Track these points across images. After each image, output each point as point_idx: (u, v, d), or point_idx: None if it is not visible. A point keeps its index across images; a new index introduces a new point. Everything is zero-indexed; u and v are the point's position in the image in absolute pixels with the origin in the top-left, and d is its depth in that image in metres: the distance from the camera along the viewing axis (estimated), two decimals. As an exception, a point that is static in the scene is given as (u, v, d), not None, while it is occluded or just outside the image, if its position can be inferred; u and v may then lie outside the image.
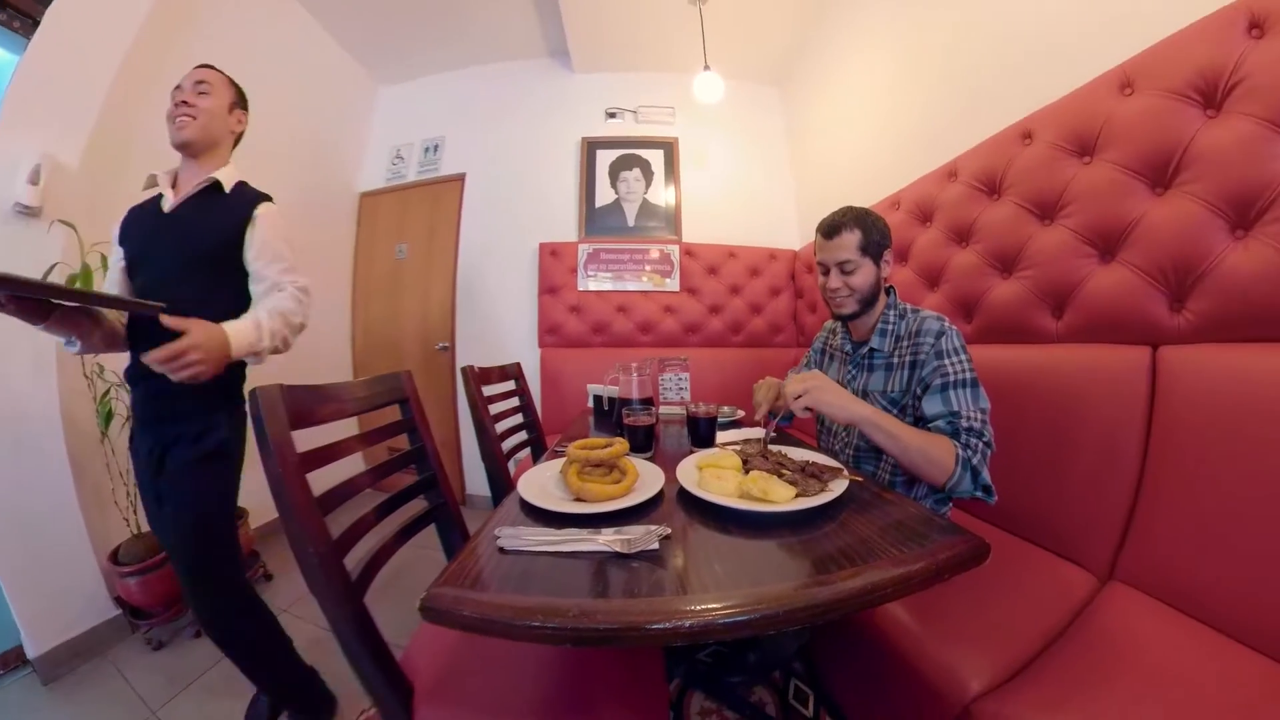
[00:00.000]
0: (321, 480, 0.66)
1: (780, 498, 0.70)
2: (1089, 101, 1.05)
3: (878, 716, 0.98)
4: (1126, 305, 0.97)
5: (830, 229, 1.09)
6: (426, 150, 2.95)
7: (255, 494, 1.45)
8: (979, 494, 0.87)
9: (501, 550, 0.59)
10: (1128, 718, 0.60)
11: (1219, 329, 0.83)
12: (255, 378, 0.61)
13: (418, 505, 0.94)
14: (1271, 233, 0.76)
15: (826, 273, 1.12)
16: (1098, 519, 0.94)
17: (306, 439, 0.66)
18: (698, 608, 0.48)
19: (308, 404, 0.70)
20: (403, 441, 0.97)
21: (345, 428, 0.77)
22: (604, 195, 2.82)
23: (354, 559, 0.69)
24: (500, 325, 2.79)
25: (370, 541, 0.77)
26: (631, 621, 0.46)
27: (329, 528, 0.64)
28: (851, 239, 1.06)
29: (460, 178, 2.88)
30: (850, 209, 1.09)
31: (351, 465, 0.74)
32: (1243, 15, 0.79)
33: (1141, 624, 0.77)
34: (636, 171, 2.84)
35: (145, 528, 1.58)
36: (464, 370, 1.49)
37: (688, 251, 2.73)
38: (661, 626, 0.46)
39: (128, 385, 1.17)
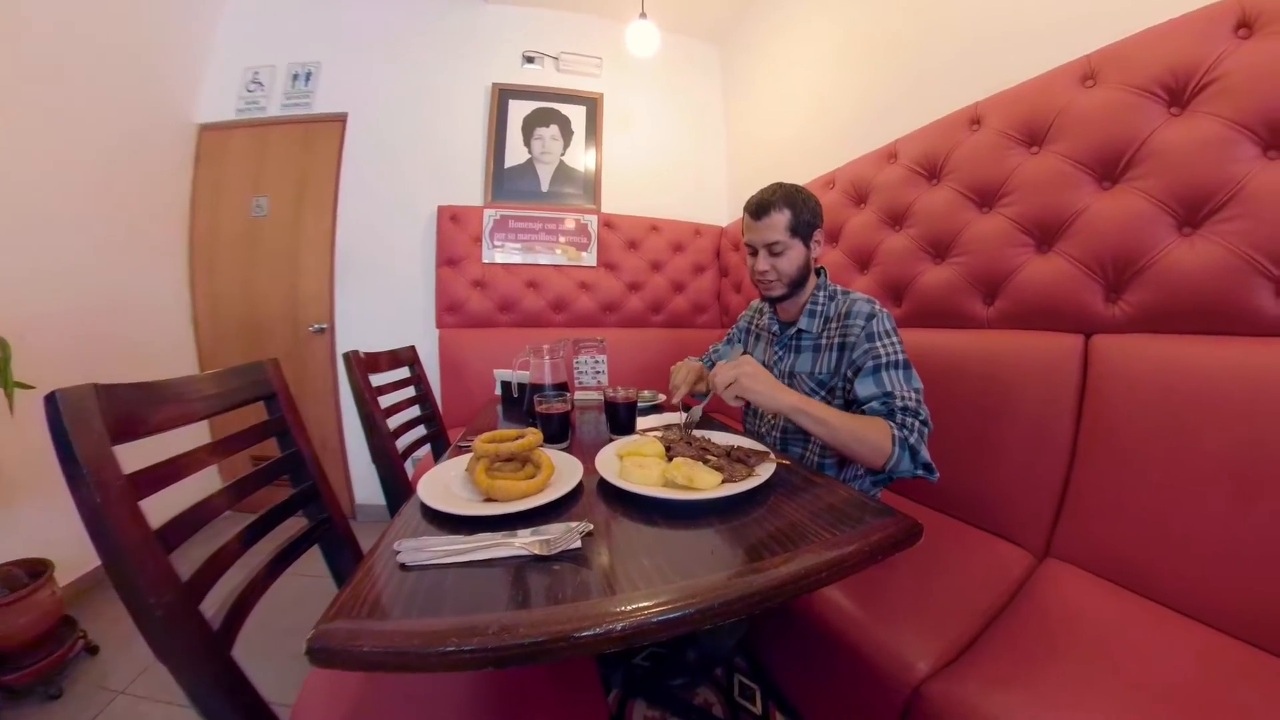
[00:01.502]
0: (161, 507, 0.57)
1: (706, 484, 0.74)
2: (1047, 91, 1.13)
3: (827, 705, 1.06)
4: (1061, 294, 1.09)
5: (759, 208, 1.11)
6: (295, 78, 2.57)
7: (66, 538, 1.21)
8: (920, 472, 0.94)
9: (403, 567, 0.56)
10: (1077, 688, 0.69)
11: (1155, 320, 0.95)
12: (58, 378, 0.50)
13: (295, 524, 0.85)
14: (1222, 231, 0.86)
15: (754, 254, 1.15)
16: (1031, 498, 1.07)
17: (137, 454, 0.55)
18: (628, 608, 0.48)
19: (136, 407, 0.59)
20: (271, 447, 0.88)
21: (192, 435, 0.66)
22: (515, 154, 2.68)
23: (215, 603, 0.61)
24: (390, 302, 2.59)
25: (236, 577, 0.68)
26: (558, 631, 0.45)
27: (175, 568, 0.54)
28: (780, 219, 1.10)
29: (340, 118, 2.56)
30: (780, 186, 1.12)
31: (203, 483, 0.63)
32: (1232, 12, 0.83)
33: (1080, 598, 0.89)
34: (554, 129, 2.73)
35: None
36: (347, 356, 1.38)
37: (607, 223, 2.71)
38: (591, 633, 0.46)
39: None
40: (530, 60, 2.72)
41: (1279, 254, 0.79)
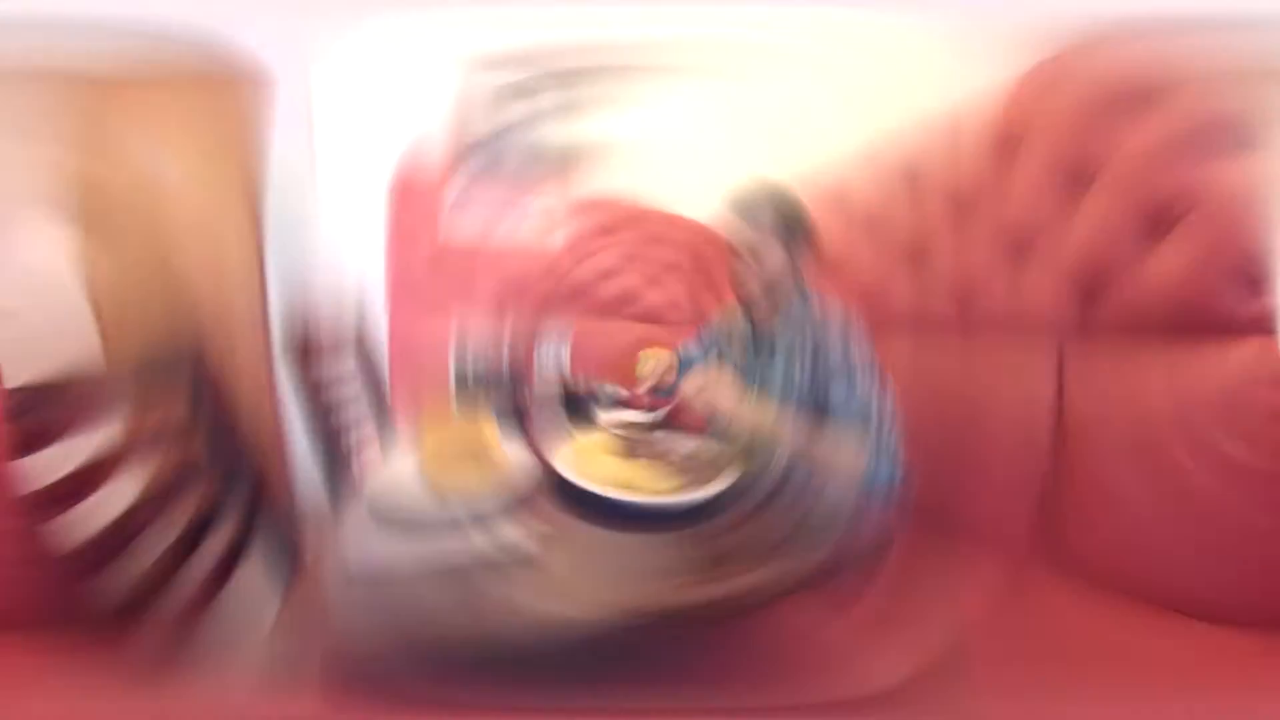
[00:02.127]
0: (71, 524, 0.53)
1: (667, 487, 0.75)
2: (1025, 89, 1.15)
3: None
4: (1034, 303, 1.12)
5: (745, 208, 1.11)
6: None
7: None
8: (899, 479, 0.97)
9: (351, 575, 0.56)
10: (1065, 693, 0.72)
11: (1128, 328, 0.98)
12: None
13: (230, 532, 0.85)
14: (1191, 235, 0.87)
15: (736, 255, 1.14)
16: (1008, 508, 1.11)
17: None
18: (584, 617, 0.48)
19: (27, 414, 0.57)
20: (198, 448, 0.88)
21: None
22: (483, 123, 2.57)
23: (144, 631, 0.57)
24: (334, 281, 2.46)
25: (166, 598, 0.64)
26: (512, 642, 0.46)
27: (92, 593, 0.50)
28: (767, 219, 1.09)
29: (272, 70, 2.38)
30: (767, 182, 1.13)
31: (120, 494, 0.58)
32: None
33: (1063, 604, 0.93)
34: (527, 99, 2.63)
35: None
36: (285, 343, 1.35)
37: (580, 205, 2.65)
38: (547, 644, 0.46)
39: None
40: (508, 22, 2.60)
41: (1254, 252, 0.84)
